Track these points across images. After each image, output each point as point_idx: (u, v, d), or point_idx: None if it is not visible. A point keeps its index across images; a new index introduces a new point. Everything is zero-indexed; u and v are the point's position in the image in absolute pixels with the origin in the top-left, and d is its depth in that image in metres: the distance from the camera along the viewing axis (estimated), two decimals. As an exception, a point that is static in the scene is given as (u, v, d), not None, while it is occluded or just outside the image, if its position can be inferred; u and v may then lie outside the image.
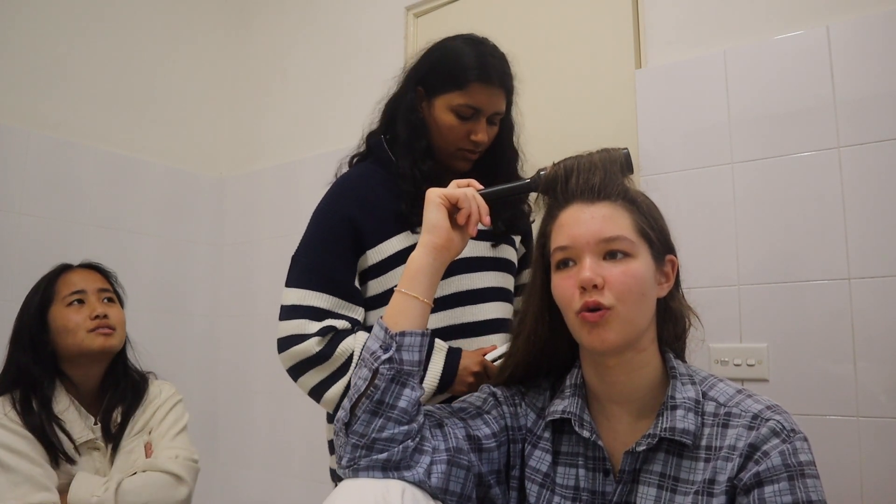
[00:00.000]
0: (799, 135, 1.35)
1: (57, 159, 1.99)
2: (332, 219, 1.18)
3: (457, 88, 1.15)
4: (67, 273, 1.36)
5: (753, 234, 1.38)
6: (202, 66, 2.49)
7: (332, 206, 1.19)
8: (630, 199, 0.85)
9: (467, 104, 1.14)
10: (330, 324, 1.11)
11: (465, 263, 1.19)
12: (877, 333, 1.24)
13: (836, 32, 1.33)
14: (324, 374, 1.10)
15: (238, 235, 2.45)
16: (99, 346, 1.30)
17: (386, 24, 2.10)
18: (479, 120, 1.16)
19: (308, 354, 1.10)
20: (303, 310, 1.12)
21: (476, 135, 1.16)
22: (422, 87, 1.20)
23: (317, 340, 1.09)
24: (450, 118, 1.16)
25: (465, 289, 1.19)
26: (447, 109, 1.16)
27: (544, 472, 0.88)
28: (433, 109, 1.18)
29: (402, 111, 1.21)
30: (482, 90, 1.14)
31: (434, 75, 1.18)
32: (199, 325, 2.38)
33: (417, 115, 1.19)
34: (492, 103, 1.16)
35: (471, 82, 1.14)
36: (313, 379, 1.11)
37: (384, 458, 0.80)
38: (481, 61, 1.15)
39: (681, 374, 0.85)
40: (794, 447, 0.75)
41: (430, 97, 1.18)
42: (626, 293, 0.79)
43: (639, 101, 1.55)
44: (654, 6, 1.57)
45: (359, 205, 1.17)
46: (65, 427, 1.23)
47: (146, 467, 1.28)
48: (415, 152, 1.17)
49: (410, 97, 1.20)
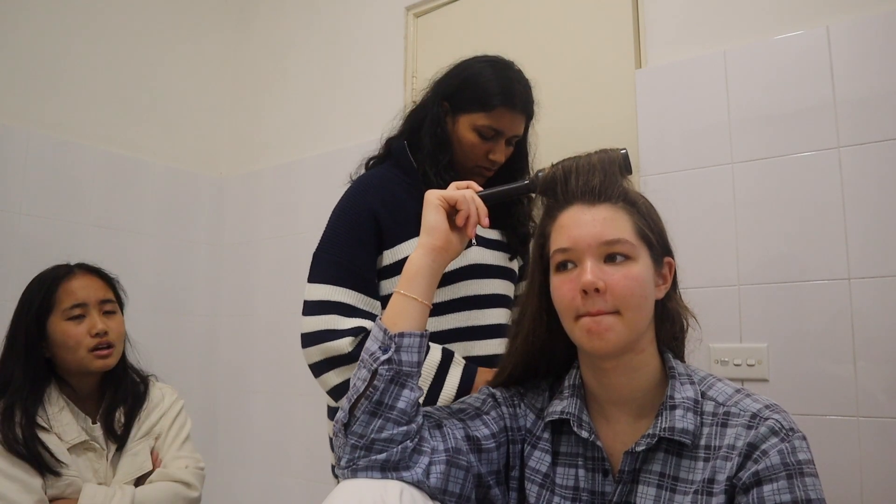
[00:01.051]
0: (799, 135, 1.34)
1: (57, 159, 1.99)
2: (357, 214, 1.19)
3: (482, 110, 1.20)
4: (68, 280, 1.32)
5: (753, 234, 1.37)
6: (202, 66, 2.49)
7: (357, 201, 1.21)
8: (630, 202, 0.85)
9: (490, 126, 1.20)
10: (360, 324, 1.11)
11: (479, 269, 1.22)
12: (877, 333, 1.24)
13: (836, 32, 1.33)
14: (345, 375, 1.11)
15: (238, 235, 2.45)
16: (97, 367, 1.30)
17: (386, 24, 2.10)
18: (498, 141, 1.22)
19: (340, 352, 1.10)
20: (331, 305, 1.13)
21: (494, 154, 1.22)
22: (448, 102, 1.24)
23: (350, 340, 1.10)
24: (472, 137, 1.21)
25: (474, 293, 1.22)
26: (470, 129, 1.21)
27: (544, 472, 0.88)
28: (457, 126, 1.23)
29: (428, 123, 1.24)
30: (506, 114, 1.20)
31: (461, 94, 1.22)
32: (199, 325, 2.38)
33: (444, 128, 1.23)
34: (513, 127, 1.22)
35: (496, 106, 1.19)
36: (338, 377, 1.11)
37: (383, 458, 0.80)
38: (508, 86, 1.20)
39: (679, 373, 0.85)
40: (792, 446, 0.75)
41: (455, 114, 1.23)
42: (629, 297, 0.79)
43: (639, 101, 1.55)
44: (654, 6, 1.57)
45: (382, 203, 1.19)
46: (46, 441, 1.21)
47: (158, 477, 1.30)
48: (439, 164, 1.21)
49: (437, 111, 1.24)
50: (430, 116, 1.24)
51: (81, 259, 1.40)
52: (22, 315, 1.30)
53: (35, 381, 1.26)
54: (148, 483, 1.29)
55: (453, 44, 1.93)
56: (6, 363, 1.28)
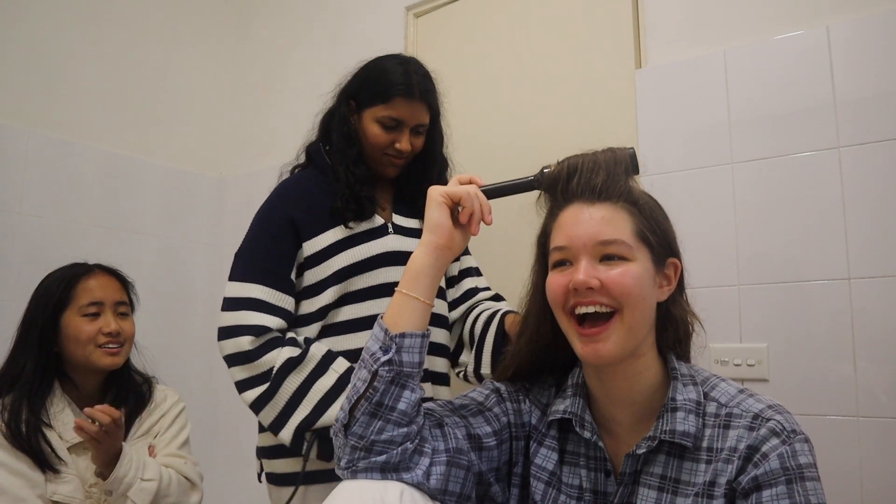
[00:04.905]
0: (799, 135, 1.34)
1: (57, 159, 1.98)
2: (273, 219, 1.28)
3: (382, 102, 1.28)
4: (87, 279, 1.35)
5: (753, 234, 1.37)
6: (202, 65, 2.49)
7: (274, 207, 1.30)
8: (632, 201, 0.84)
9: (390, 116, 1.27)
10: (264, 323, 1.19)
11: (398, 256, 1.27)
12: (877, 333, 1.24)
13: (836, 32, 1.33)
14: (247, 374, 1.19)
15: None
16: (105, 364, 1.32)
17: (386, 24, 2.10)
18: (402, 131, 1.29)
19: (239, 349, 1.19)
20: (243, 301, 1.21)
21: (400, 143, 1.29)
22: (353, 100, 1.33)
23: (250, 340, 1.18)
24: (376, 129, 1.29)
25: (393, 280, 1.25)
26: (373, 121, 1.29)
27: (551, 470, 0.87)
28: (362, 121, 1.31)
29: (336, 123, 1.34)
30: (404, 104, 1.27)
31: (363, 90, 1.31)
32: (199, 325, 2.38)
33: (350, 125, 1.32)
34: (414, 116, 1.29)
35: (394, 97, 1.27)
36: (239, 375, 1.20)
37: (383, 459, 0.79)
38: (405, 78, 1.28)
39: (682, 374, 0.84)
40: (793, 449, 0.74)
41: (360, 110, 1.32)
42: (625, 294, 0.79)
43: (639, 101, 1.55)
44: (654, 6, 1.57)
45: (297, 205, 1.28)
46: (48, 437, 1.22)
47: (168, 464, 1.31)
48: (348, 158, 1.30)
49: (343, 110, 1.34)
50: (337, 116, 1.33)
51: (81, 259, 1.41)
52: (38, 309, 1.31)
53: (45, 374, 1.28)
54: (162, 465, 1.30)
55: (453, 44, 1.93)
56: (18, 355, 1.29)
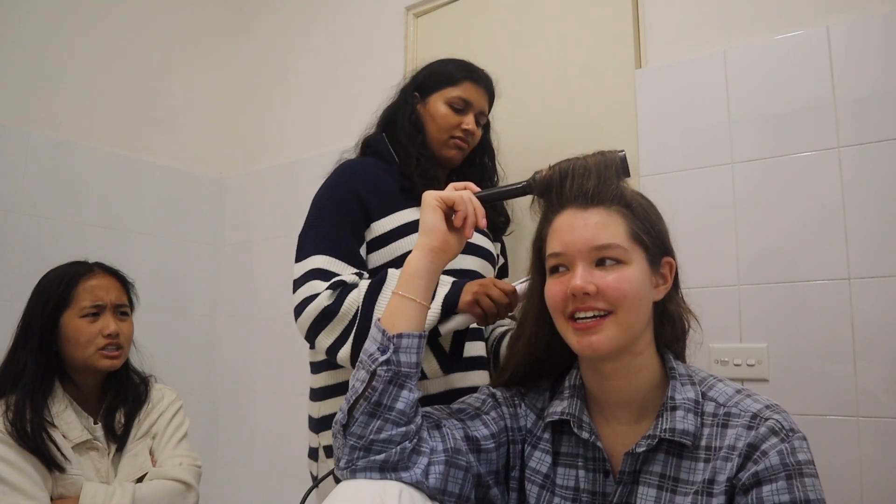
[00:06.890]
0: (799, 135, 1.34)
1: (57, 159, 1.99)
2: (339, 194, 1.25)
3: (451, 84, 1.35)
4: (88, 279, 1.33)
5: (753, 234, 1.37)
6: (202, 66, 2.49)
7: (339, 183, 1.27)
8: (625, 204, 0.84)
9: (460, 97, 1.34)
10: (338, 279, 1.13)
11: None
12: (877, 333, 1.24)
13: (836, 32, 1.33)
14: (334, 334, 1.11)
15: (238, 235, 2.45)
16: (103, 367, 1.31)
17: (386, 24, 2.10)
18: (468, 113, 1.35)
19: (318, 310, 1.11)
20: (311, 273, 1.16)
21: (467, 124, 1.34)
22: (417, 92, 1.38)
23: (328, 294, 1.11)
24: (445, 109, 1.34)
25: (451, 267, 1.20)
26: (442, 103, 1.34)
27: (544, 473, 0.88)
28: (429, 106, 1.36)
29: (401, 113, 1.37)
30: (472, 87, 1.36)
31: (429, 80, 1.37)
32: (199, 325, 2.38)
33: (416, 112, 1.37)
34: (479, 101, 1.37)
35: (464, 79, 1.35)
36: (329, 337, 1.12)
37: (382, 459, 0.80)
38: (470, 67, 1.38)
39: (680, 374, 0.85)
40: (792, 446, 0.75)
41: (426, 97, 1.37)
42: (622, 298, 0.80)
43: (639, 101, 1.55)
44: (654, 6, 1.57)
45: (364, 184, 1.26)
46: (54, 436, 1.22)
47: (155, 476, 1.30)
48: (415, 142, 1.33)
49: (409, 101, 1.37)
50: (402, 107, 1.37)
51: (81, 258, 1.41)
52: (38, 308, 1.30)
53: (46, 374, 1.27)
54: (147, 481, 1.29)
55: (453, 44, 1.93)
56: (18, 355, 1.29)
